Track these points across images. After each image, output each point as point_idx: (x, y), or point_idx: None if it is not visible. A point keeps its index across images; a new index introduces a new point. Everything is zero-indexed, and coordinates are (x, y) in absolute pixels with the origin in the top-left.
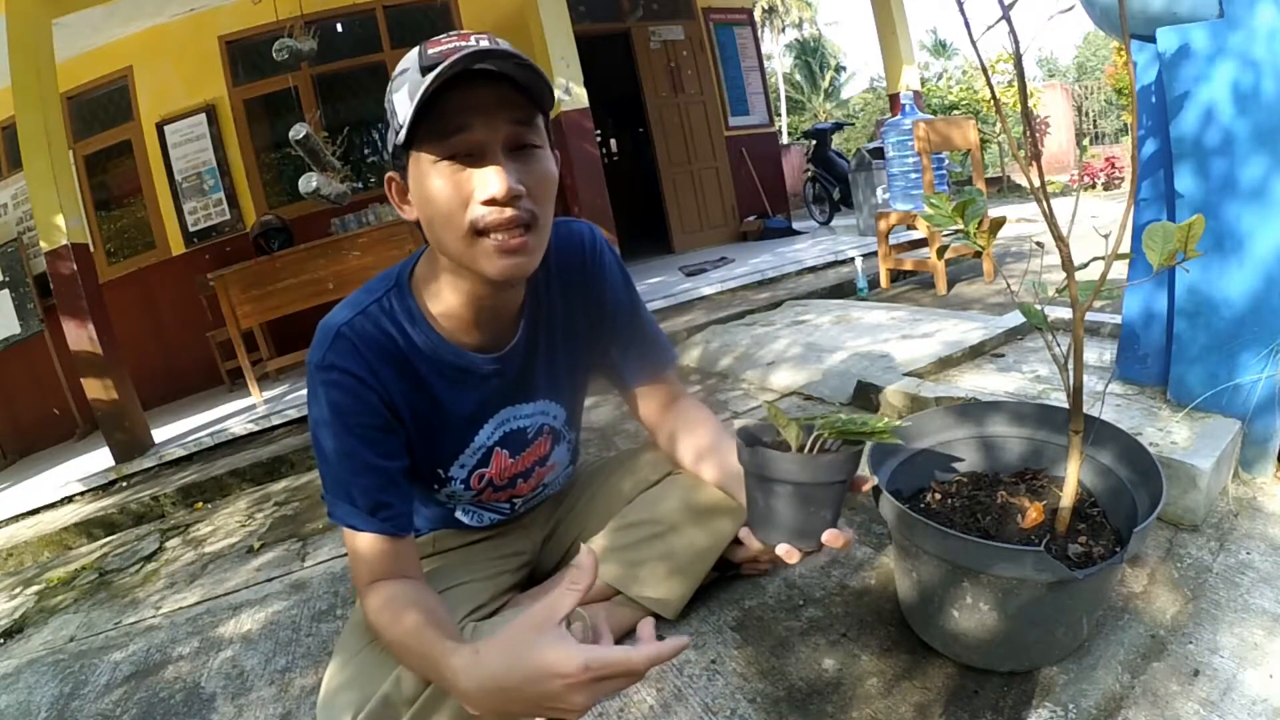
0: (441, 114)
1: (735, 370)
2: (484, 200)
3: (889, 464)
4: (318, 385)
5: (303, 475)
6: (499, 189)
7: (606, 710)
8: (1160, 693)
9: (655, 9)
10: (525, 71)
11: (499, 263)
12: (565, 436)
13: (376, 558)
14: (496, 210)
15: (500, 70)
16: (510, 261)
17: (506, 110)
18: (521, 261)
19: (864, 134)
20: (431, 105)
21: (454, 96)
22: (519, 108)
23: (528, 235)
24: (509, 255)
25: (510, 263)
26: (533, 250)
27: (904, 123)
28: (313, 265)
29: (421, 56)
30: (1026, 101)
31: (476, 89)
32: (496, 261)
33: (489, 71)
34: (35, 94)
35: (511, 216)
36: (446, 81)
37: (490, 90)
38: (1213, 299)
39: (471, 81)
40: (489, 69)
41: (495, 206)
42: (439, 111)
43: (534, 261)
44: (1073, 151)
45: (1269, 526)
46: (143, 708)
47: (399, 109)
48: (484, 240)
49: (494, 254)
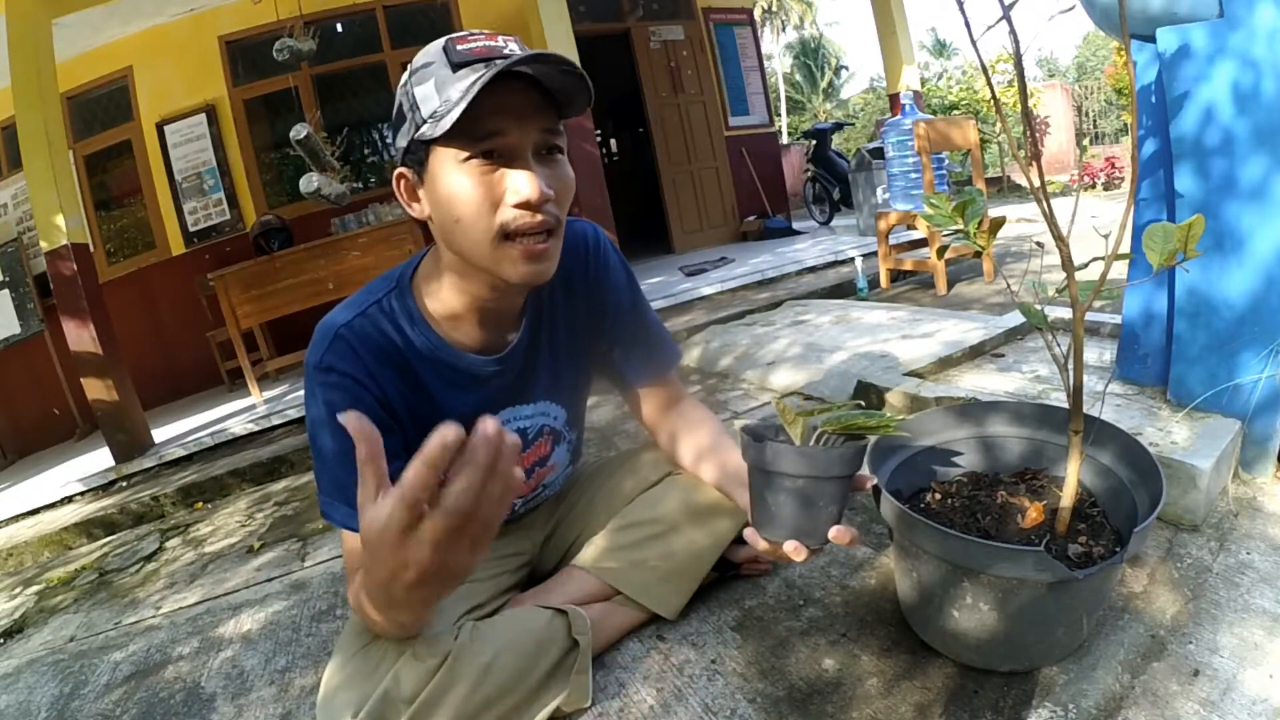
0: (476, 114)
1: (735, 370)
2: (517, 204)
3: (889, 464)
4: (315, 386)
5: (302, 475)
6: (534, 193)
7: (607, 711)
8: (1160, 693)
9: (655, 9)
10: (565, 78)
11: (523, 268)
12: (566, 437)
13: None
14: (528, 214)
15: (534, 74)
16: (534, 268)
17: (539, 116)
18: (544, 268)
19: (864, 134)
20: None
21: (489, 99)
22: (549, 114)
23: (550, 241)
24: (533, 261)
25: (533, 269)
26: (554, 256)
27: (904, 123)
28: (313, 265)
29: (450, 53)
30: (1026, 101)
31: (511, 92)
32: (521, 267)
33: (522, 75)
34: (35, 94)
35: (541, 221)
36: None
37: (524, 95)
38: (1213, 299)
39: (507, 84)
40: (525, 72)
41: (527, 210)
42: (473, 111)
43: (554, 267)
44: (1073, 151)
45: (1269, 526)
46: (143, 708)
47: (422, 104)
48: (511, 245)
49: (519, 259)
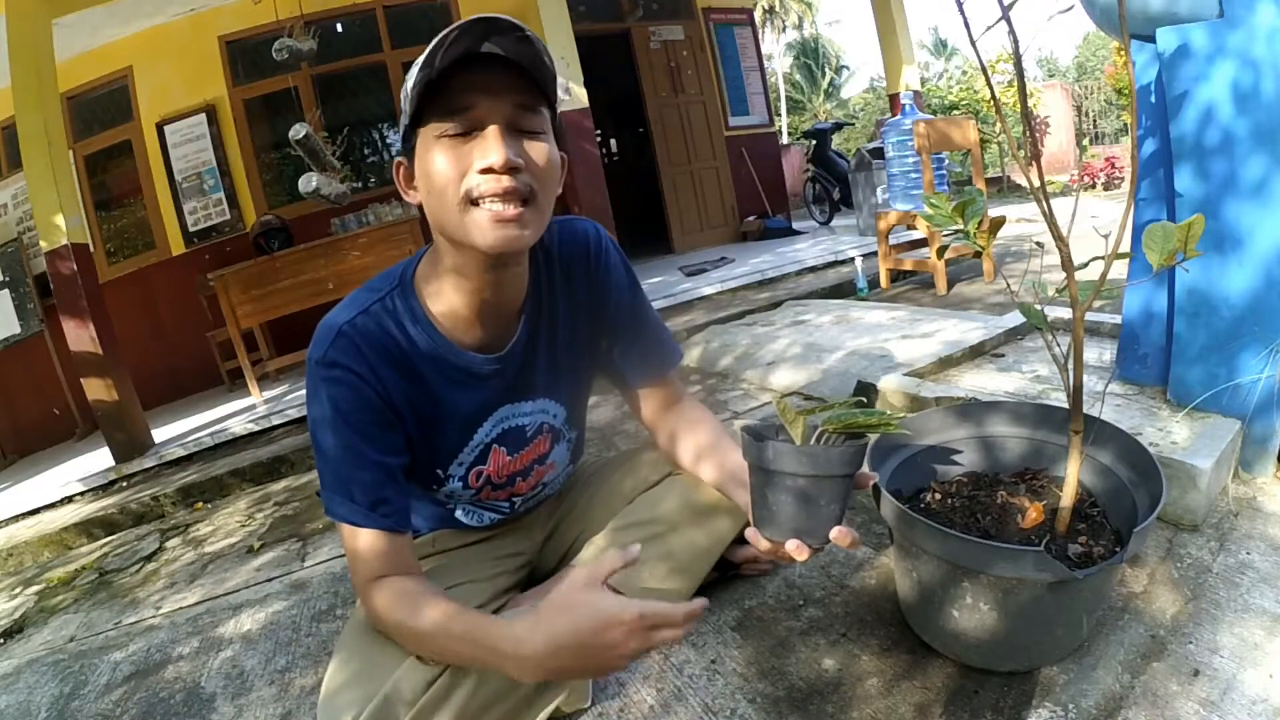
0: (448, 92)
1: (735, 370)
2: (481, 169)
3: (889, 464)
4: (319, 382)
5: (303, 475)
6: (497, 158)
7: (607, 711)
8: (1160, 693)
9: (655, 9)
10: (525, 45)
11: (491, 234)
12: (565, 435)
13: (377, 555)
14: (493, 179)
15: (506, 54)
16: (503, 233)
17: (510, 92)
18: (515, 235)
19: (864, 134)
20: (439, 85)
21: (461, 76)
22: (523, 91)
23: (524, 208)
24: (502, 225)
25: (503, 234)
26: (528, 224)
27: (904, 122)
28: (313, 265)
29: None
30: (1026, 101)
31: (483, 70)
32: (489, 232)
33: (498, 57)
34: (35, 94)
35: (509, 186)
36: (455, 63)
37: (496, 74)
38: (1212, 299)
39: (480, 64)
40: (497, 54)
41: (492, 175)
42: (445, 90)
43: (528, 237)
44: (1073, 151)
45: (1269, 526)
46: (143, 708)
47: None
48: (477, 210)
49: (487, 224)
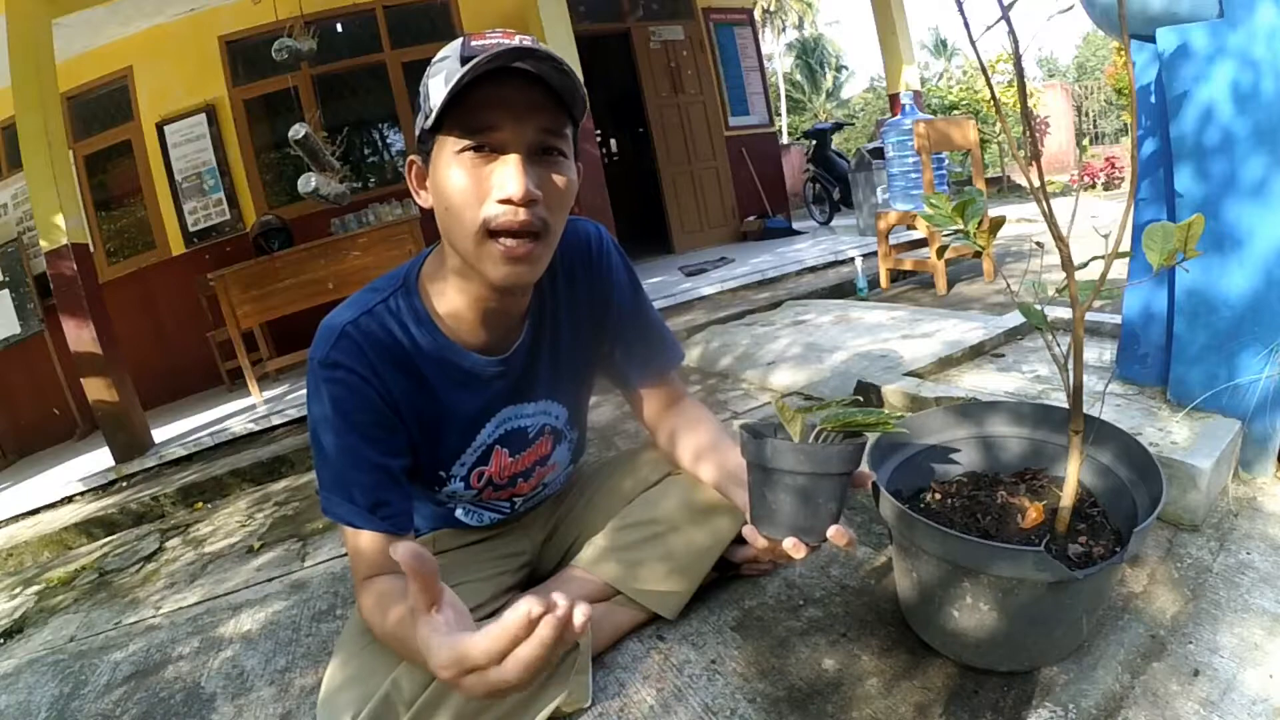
0: (473, 106)
1: (735, 370)
2: (500, 199)
3: (889, 464)
4: (320, 382)
5: (303, 475)
6: (517, 190)
7: (607, 711)
8: (1160, 693)
9: (655, 9)
10: (562, 77)
11: (502, 269)
12: (567, 436)
13: (375, 555)
14: (511, 211)
15: (537, 72)
16: (513, 269)
17: (536, 114)
18: (524, 271)
19: (864, 134)
20: (464, 96)
21: (488, 91)
22: (549, 113)
23: (535, 244)
24: (513, 263)
25: (513, 270)
26: (537, 260)
27: (904, 122)
28: (313, 265)
29: (464, 47)
30: (1026, 101)
31: (511, 87)
32: (501, 267)
33: (526, 73)
34: (35, 94)
35: (524, 220)
36: (483, 76)
37: (524, 91)
38: (1212, 299)
39: (508, 79)
40: (526, 69)
41: (510, 207)
42: (471, 103)
43: (536, 271)
44: (1073, 151)
45: (1269, 526)
46: (143, 708)
47: (432, 94)
48: (492, 243)
49: (500, 259)
